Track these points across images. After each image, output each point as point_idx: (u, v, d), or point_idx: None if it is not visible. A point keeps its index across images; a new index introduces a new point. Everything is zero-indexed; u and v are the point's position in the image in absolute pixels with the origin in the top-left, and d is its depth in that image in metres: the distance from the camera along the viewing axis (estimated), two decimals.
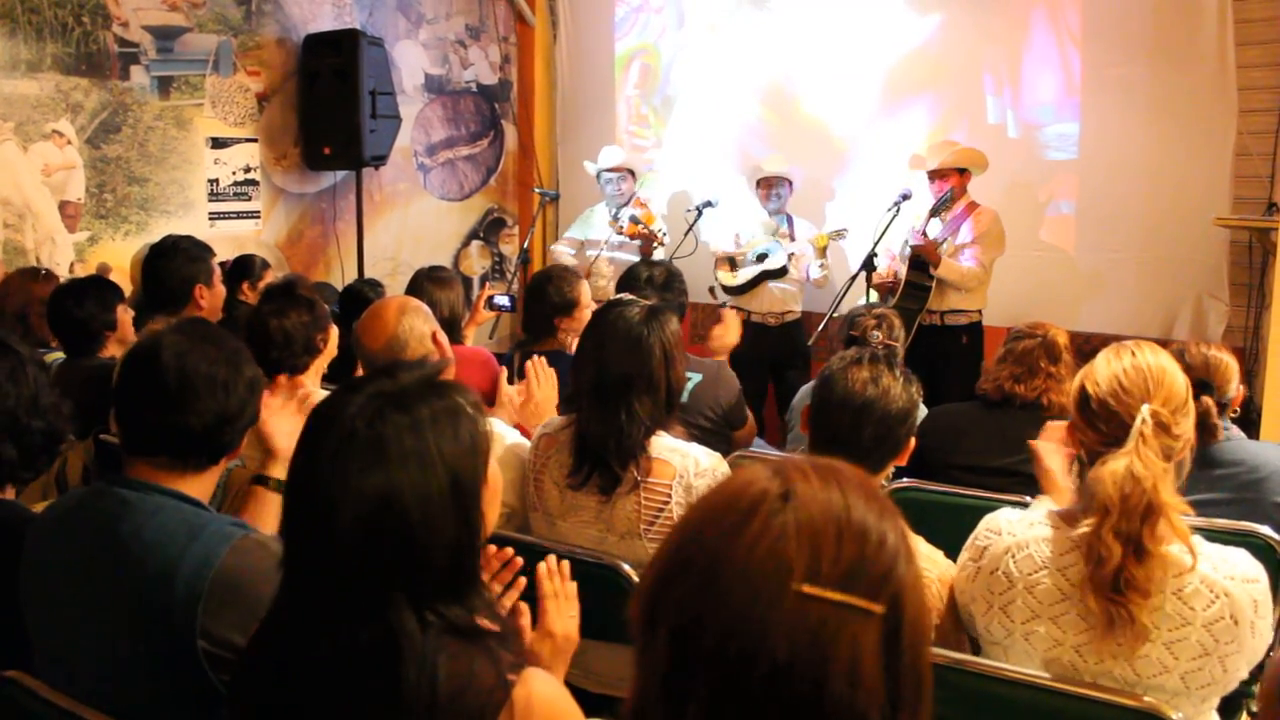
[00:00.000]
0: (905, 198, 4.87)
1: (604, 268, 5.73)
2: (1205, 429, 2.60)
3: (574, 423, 2.35)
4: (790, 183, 5.51)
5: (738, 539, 0.88)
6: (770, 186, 5.47)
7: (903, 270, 5.01)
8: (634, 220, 5.50)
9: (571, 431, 2.34)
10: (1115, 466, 1.73)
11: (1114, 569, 1.71)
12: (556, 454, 2.39)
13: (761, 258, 5.44)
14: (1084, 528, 1.75)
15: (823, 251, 5.32)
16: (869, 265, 4.85)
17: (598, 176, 5.93)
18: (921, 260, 4.88)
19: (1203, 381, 2.64)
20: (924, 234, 4.93)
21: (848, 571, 0.87)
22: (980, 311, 4.95)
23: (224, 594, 1.62)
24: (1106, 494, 1.72)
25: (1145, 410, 1.75)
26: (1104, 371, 1.83)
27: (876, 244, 4.82)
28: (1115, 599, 1.72)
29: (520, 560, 1.74)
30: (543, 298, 3.57)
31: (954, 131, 5.60)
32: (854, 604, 0.86)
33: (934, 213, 4.92)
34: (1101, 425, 1.80)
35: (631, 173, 5.91)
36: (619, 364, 2.26)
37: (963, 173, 4.95)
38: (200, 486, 1.80)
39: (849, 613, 0.86)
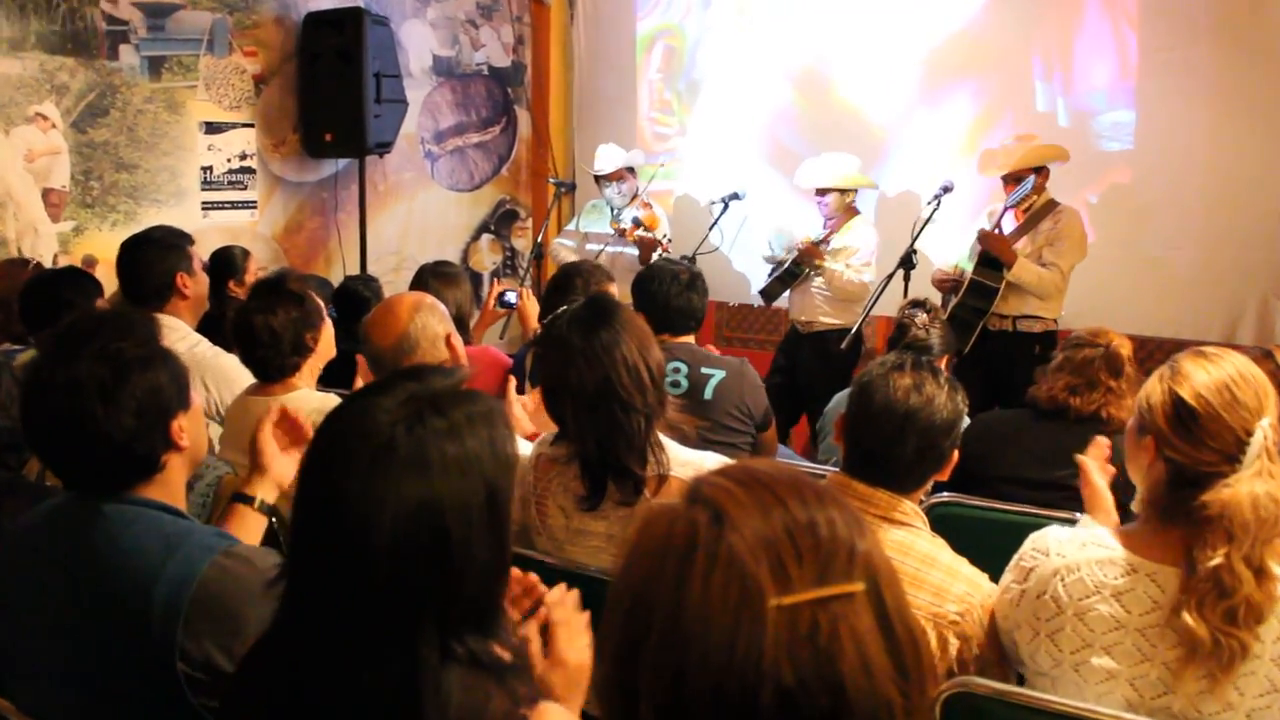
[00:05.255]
0: (946, 190, 4.82)
1: (603, 261, 5.71)
2: None
3: (569, 448, 2.32)
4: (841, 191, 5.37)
5: (688, 582, 0.89)
6: (823, 195, 5.37)
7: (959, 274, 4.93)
8: (635, 222, 5.46)
9: (568, 453, 2.32)
10: (1253, 489, 1.70)
11: (1242, 599, 1.68)
12: (558, 476, 2.37)
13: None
14: (1212, 559, 1.69)
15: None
16: (907, 263, 4.81)
17: (595, 180, 5.91)
18: (991, 258, 4.78)
19: None
20: (999, 228, 4.86)
21: (816, 566, 0.89)
22: (1056, 320, 4.84)
23: (206, 612, 1.60)
24: (1243, 519, 1.69)
25: (1265, 425, 1.73)
26: (1206, 380, 1.78)
27: (915, 239, 4.77)
28: (1229, 630, 1.68)
29: (543, 588, 1.74)
30: (569, 292, 3.55)
31: (1000, 120, 5.56)
32: (837, 593, 0.89)
33: (1016, 204, 4.82)
34: (1210, 441, 1.75)
35: (632, 170, 5.87)
36: (586, 382, 2.24)
37: (1039, 171, 4.83)
38: (167, 488, 1.78)
39: (836, 604, 0.88)
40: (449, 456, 1.26)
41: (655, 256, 5.31)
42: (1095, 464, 2.31)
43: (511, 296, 4.37)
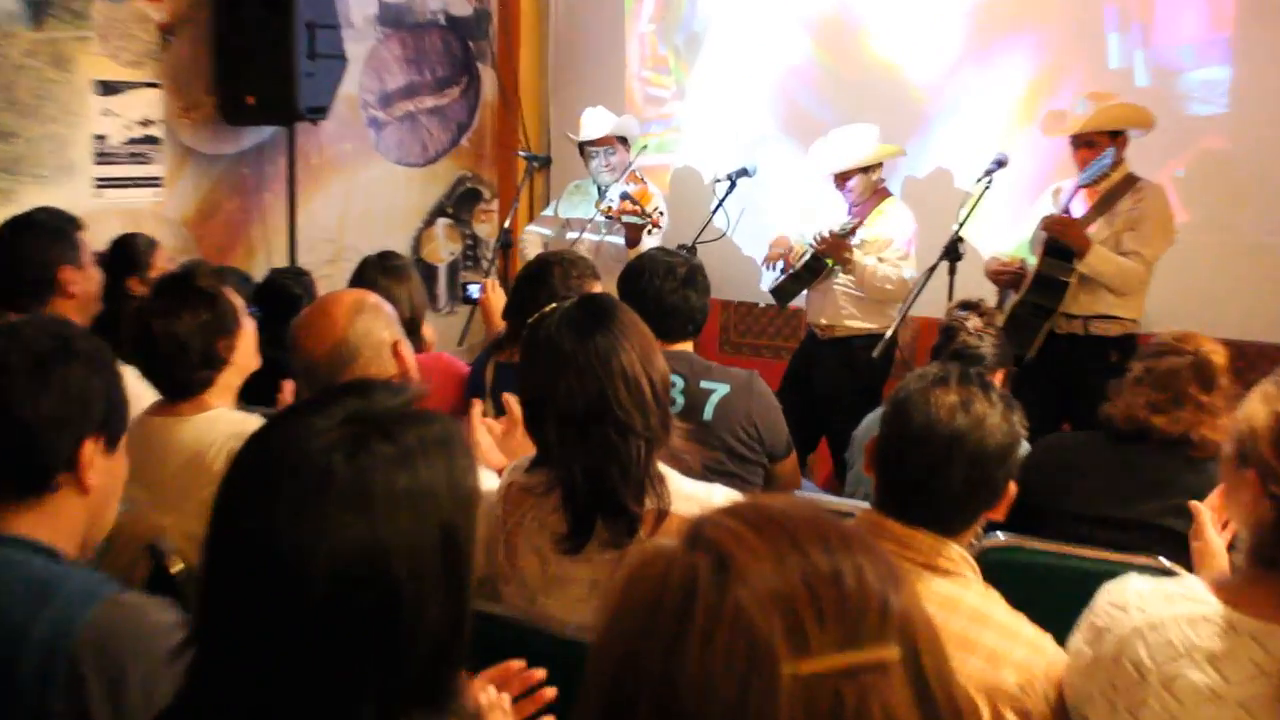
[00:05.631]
0: (999, 165, 4.83)
1: (584, 250, 5.70)
2: None
3: (550, 475, 2.32)
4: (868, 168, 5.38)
5: (685, 643, 0.88)
6: (844, 181, 5.38)
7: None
8: (625, 197, 5.47)
9: (547, 481, 2.31)
10: None
11: None
12: (533, 510, 2.36)
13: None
14: None
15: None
16: (952, 254, 4.81)
17: (580, 149, 5.95)
18: (1061, 246, 4.76)
19: None
20: (1067, 210, 4.86)
21: (841, 627, 0.89)
22: (1137, 322, 4.84)
23: (88, 673, 1.60)
24: None
25: None
26: None
27: (962, 224, 4.77)
28: None
29: (540, 673, 1.75)
30: (542, 288, 3.55)
31: (1064, 80, 5.59)
32: (865, 661, 0.88)
33: (1092, 181, 4.81)
34: None
35: (624, 140, 5.90)
36: (576, 397, 2.24)
37: (1116, 136, 4.81)
38: (49, 523, 1.77)
39: (865, 673, 0.87)
40: (398, 491, 1.25)
41: (646, 242, 5.31)
42: (1212, 513, 2.29)
43: (474, 290, 4.36)
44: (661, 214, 5.52)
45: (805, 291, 5.43)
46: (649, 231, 5.42)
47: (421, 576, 1.24)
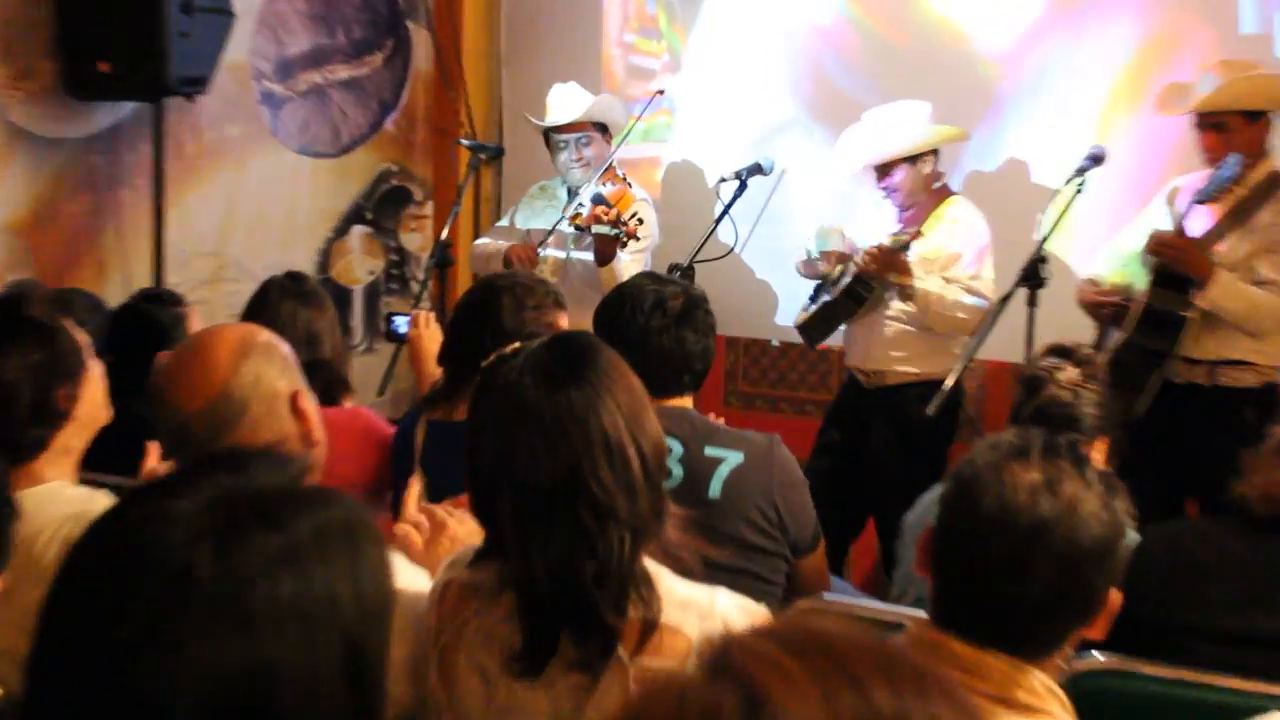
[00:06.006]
0: (1095, 161, 4.84)
1: (548, 270, 5.74)
2: None
3: (501, 570, 2.31)
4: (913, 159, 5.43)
5: None
6: (886, 176, 5.39)
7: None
8: (598, 200, 5.48)
9: (497, 579, 2.31)
10: None
11: None
12: (478, 618, 2.34)
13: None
14: None
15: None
16: (1034, 276, 4.79)
17: (545, 138, 5.99)
18: (1173, 273, 4.78)
19: None
20: (1177, 232, 4.85)
21: None
22: (1278, 370, 4.87)
23: None
24: None
25: None
26: None
27: (1047, 238, 4.78)
28: None
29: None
30: (486, 322, 3.55)
31: (1180, 49, 5.66)
32: None
33: (1209, 197, 4.82)
34: None
35: (603, 128, 5.94)
36: (541, 468, 2.24)
37: (1255, 118, 4.84)
38: None
39: None
40: (284, 598, 1.26)
41: (622, 259, 5.30)
42: None
43: (402, 324, 4.35)
44: (641, 223, 5.48)
45: (842, 326, 5.43)
46: (623, 245, 5.40)
47: (317, 711, 1.26)
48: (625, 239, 5.36)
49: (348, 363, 4.15)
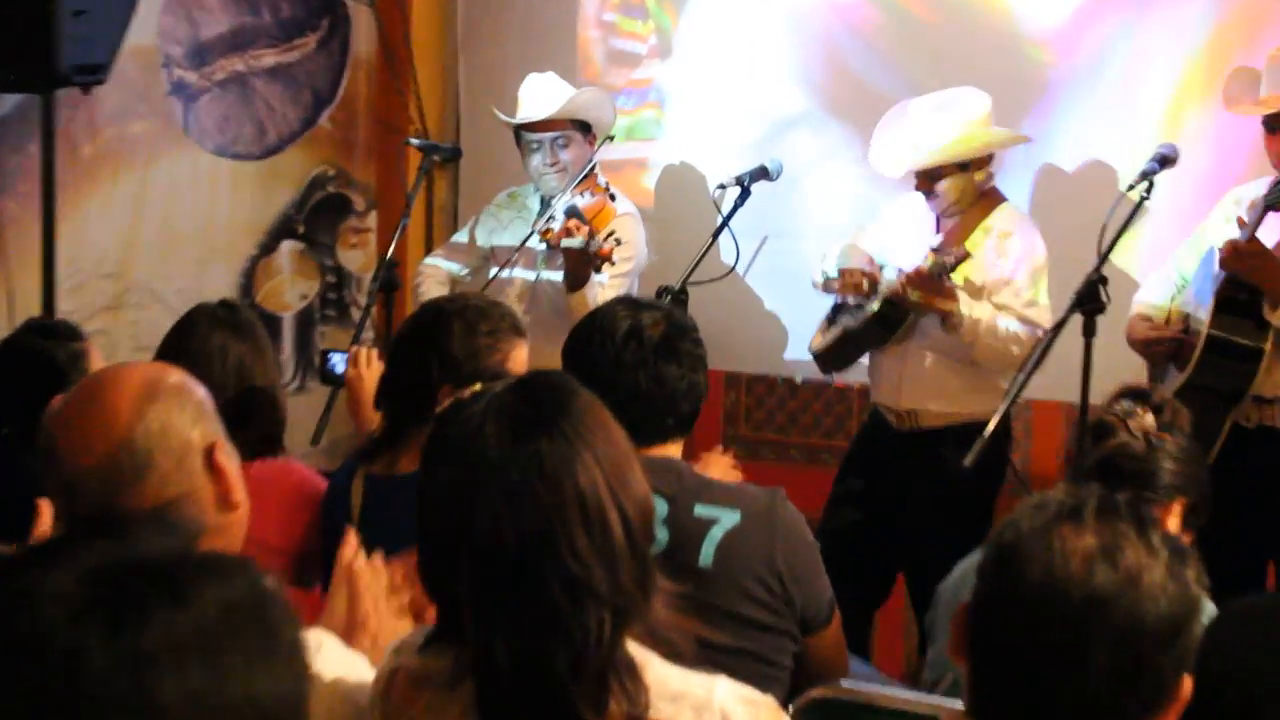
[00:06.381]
0: (1164, 163, 4.86)
1: (513, 294, 5.79)
2: None
3: (458, 656, 2.30)
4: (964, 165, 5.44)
5: None
6: (932, 183, 5.42)
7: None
8: (572, 213, 5.49)
9: (453, 666, 2.30)
10: None
11: None
12: (429, 713, 2.34)
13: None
14: None
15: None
16: (1091, 300, 4.80)
17: (516, 137, 6.03)
18: (1239, 298, 4.81)
19: None
20: (1252, 240, 4.86)
21: None
22: None
23: None
24: None
25: None
26: None
27: (1107, 256, 4.79)
28: None
29: None
30: (431, 353, 3.59)
31: (1260, 32, 5.67)
32: None
33: (1274, 207, 4.84)
34: None
35: (585, 127, 5.97)
36: (506, 533, 2.24)
37: None
38: None
39: None
40: (169, 697, 1.26)
41: (596, 284, 5.31)
42: None
43: (339, 362, 4.38)
44: (619, 244, 5.47)
45: (867, 358, 5.44)
46: (597, 269, 5.42)
47: None
48: (600, 262, 5.37)
49: (283, 409, 4.15)
